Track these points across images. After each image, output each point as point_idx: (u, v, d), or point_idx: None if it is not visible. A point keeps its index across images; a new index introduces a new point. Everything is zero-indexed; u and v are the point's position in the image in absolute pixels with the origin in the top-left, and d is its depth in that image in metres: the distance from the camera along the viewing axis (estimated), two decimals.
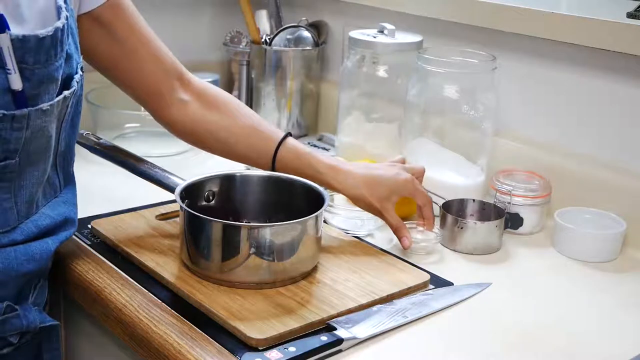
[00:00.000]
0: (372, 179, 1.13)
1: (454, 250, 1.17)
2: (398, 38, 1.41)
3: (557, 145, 1.33)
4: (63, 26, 0.89)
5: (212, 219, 0.99)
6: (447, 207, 1.21)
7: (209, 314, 0.94)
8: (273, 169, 1.14)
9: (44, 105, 0.89)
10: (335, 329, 0.92)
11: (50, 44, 0.87)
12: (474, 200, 1.24)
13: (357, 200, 1.14)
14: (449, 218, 1.18)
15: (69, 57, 0.93)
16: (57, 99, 0.91)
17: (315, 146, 1.59)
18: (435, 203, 1.24)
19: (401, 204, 1.27)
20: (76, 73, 0.95)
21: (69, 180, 1.04)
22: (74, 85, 0.94)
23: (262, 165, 1.14)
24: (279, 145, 1.13)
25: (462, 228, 1.17)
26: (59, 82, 0.91)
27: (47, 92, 0.89)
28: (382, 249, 1.14)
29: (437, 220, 1.21)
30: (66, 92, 0.92)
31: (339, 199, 1.22)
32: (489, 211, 1.22)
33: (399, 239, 1.14)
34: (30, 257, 0.94)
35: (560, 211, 1.22)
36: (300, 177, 1.12)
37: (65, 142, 0.99)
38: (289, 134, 1.15)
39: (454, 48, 1.39)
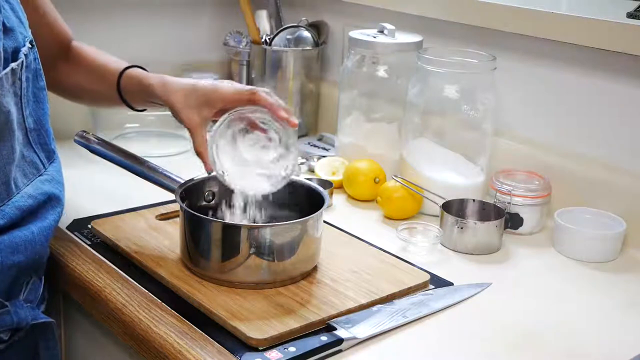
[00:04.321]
0: (190, 88, 1.06)
1: (454, 250, 1.17)
2: (398, 38, 1.41)
3: (557, 145, 1.33)
4: None
5: (212, 219, 0.99)
6: (447, 207, 1.21)
7: (209, 314, 0.94)
8: (122, 99, 1.16)
9: None
10: (335, 329, 0.92)
11: None
12: (474, 200, 1.24)
13: (173, 111, 1.08)
14: (449, 218, 1.18)
15: (9, 30, 0.93)
16: (4, 71, 0.90)
17: (315, 146, 1.59)
18: (435, 203, 1.24)
19: (401, 204, 1.27)
20: (23, 46, 0.95)
21: (52, 158, 1.03)
22: (21, 57, 0.94)
23: (115, 98, 1.17)
24: (121, 74, 1.15)
25: (462, 228, 1.17)
26: (1, 56, 0.90)
27: None
28: (382, 249, 1.14)
29: (437, 220, 1.21)
30: (13, 64, 0.92)
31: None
32: (489, 211, 1.22)
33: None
34: (14, 249, 0.93)
35: (560, 211, 1.22)
36: (141, 99, 1.15)
37: (33, 118, 0.98)
38: (134, 66, 1.16)
39: (454, 48, 1.39)
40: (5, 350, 0.98)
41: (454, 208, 1.22)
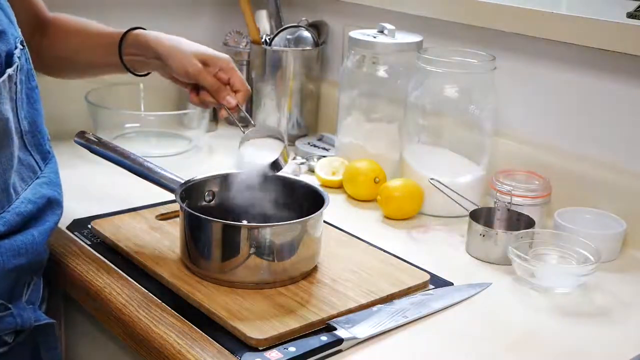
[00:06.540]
0: (179, 43, 1.16)
1: (477, 259, 1.15)
2: (398, 38, 1.41)
3: (557, 145, 1.33)
4: None
5: (212, 219, 0.99)
6: (475, 215, 1.18)
7: (209, 314, 0.94)
8: (123, 65, 1.17)
9: None
10: (335, 329, 0.92)
11: None
12: (508, 208, 1.20)
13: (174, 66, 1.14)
14: (476, 226, 1.16)
15: (2, 33, 0.90)
16: (2, 79, 0.88)
17: (315, 146, 1.59)
18: (465, 209, 1.21)
19: (400, 204, 1.27)
20: (16, 48, 0.93)
21: (48, 159, 1.02)
22: (16, 60, 0.92)
23: (115, 63, 1.17)
24: (123, 36, 1.16)
25: (484, 236, 1.14)
26: None
27: None
28: (382, 249, 1.14)
29: (437, 220, 1.20)
30: (9, 70, 0.90)
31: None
32: (515, 219, 1.19)
33: (220, 101, 1.12)
34: (15, 252, 0.93)
35: (560, 211, 1.22)
36: (143, 66, 1.17)
37: (28, 120, 0.96)
38: (137, 28, 1.17)
39: (454, 48, 1.39)
40: (8, 352, 0.97)
41: (482, 216, 1.19)
